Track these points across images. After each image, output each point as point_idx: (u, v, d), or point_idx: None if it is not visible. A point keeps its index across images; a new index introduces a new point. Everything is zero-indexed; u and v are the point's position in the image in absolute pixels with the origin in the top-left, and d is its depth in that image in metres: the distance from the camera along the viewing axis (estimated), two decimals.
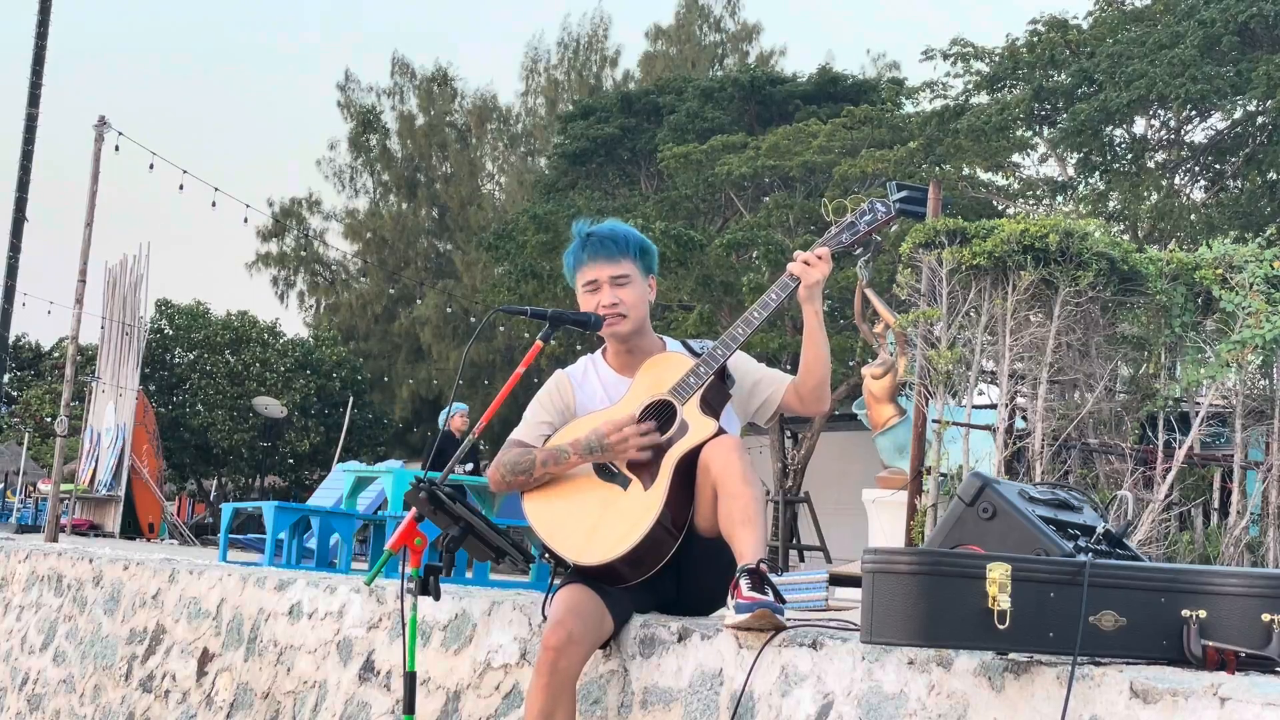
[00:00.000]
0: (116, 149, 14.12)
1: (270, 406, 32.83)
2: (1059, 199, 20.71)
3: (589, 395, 4.27)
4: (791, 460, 26.03)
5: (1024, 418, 11.00)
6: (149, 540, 27.31)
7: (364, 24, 71.39)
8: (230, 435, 34.23)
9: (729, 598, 3.68)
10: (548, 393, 4.31)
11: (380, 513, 10.88)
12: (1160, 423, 10.00)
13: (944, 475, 11.02)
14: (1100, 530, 3.31)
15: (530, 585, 7.89)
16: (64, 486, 35.32)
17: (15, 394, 47.73)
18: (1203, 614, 2.91)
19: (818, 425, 25.98)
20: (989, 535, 3.20)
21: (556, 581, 4.13)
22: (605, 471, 4.07)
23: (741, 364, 4.27)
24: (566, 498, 4.07)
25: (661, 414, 4.07)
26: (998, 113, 18.83)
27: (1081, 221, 11.07)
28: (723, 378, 4.15)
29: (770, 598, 3.64)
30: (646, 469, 4.01)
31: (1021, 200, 21.66)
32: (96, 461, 29.68)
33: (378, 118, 42.55)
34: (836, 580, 6.04)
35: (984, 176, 22.44)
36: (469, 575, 9.48)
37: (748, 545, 3.78)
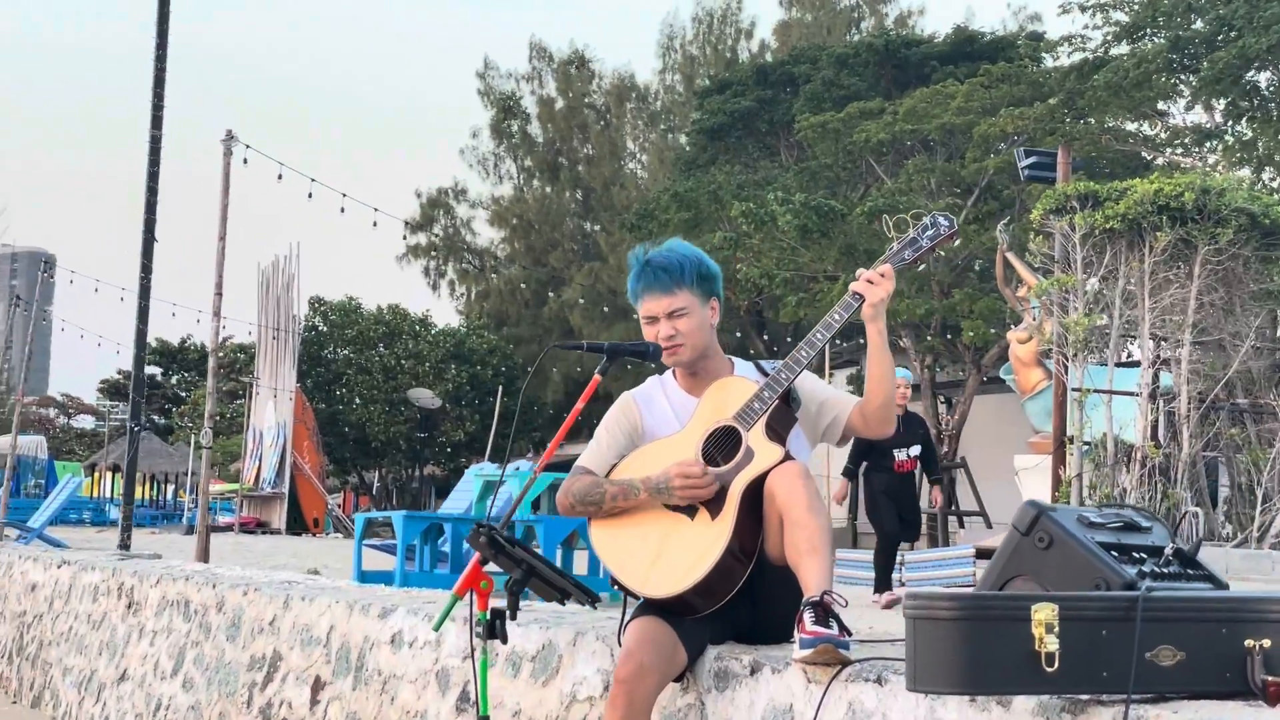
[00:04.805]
0: (245, 162, 14.34)
1: (424, 398, 33.30)
2: (1205, 145, 20.05)
3: (658, 417, 4.20)
4: (946, 425, 25.68)
5: (1169, 375, 10.68)
6: (315, 535, 27.89)
7: (500, 10, 71.91)
8: (387, 428, 34.73)
9: (794, 631, 3.58)
10: (614, 417, 4.25)
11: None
12: None
13: (1087, 444, 10.74)
14: (1169, 550, 3.13)
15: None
16: (230, 486, 36.15)
17: (184, 394, 48.91)
18: (1267, 643, 2.75)
19: (970, 389, 25.57)
20: (1046, 566, 3.05)
21: (630, 608, 4.06)
22: None
23: (808, 385, 4.18)
24: (632, 527, 4.01)
25: (726, 440, 3.97)
26: (1135, 67, 18.28)
27: (1219, 177, 10.69)
28: (787, 401, 4.05)
29: (834, 631, 3.55)
30: (713, 497, 3.92)
31: (1169, 150, 21.03)
32: (260, 460, 30.39)
33: (518, 103, 42.81)
34: (983, 555, 5.89)
35: (1130, 127, 21.83)
36: None
37: (813, 576, 3.69)
